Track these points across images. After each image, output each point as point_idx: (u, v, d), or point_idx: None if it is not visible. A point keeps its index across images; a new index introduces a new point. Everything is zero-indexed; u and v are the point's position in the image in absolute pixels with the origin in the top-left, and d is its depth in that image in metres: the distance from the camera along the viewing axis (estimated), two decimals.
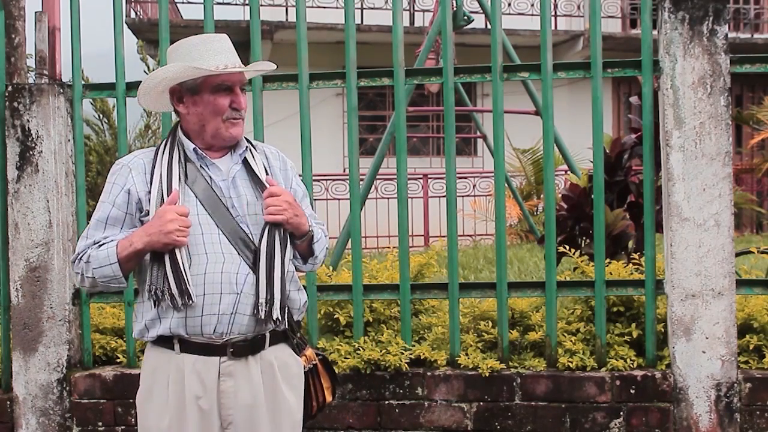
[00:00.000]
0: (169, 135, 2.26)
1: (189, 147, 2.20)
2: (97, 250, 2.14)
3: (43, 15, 3.77)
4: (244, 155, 2.25)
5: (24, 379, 3.51)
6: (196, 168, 2.19)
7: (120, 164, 2.24)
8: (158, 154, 2.21)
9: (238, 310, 2.13)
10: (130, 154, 2.28)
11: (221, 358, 2.14)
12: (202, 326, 2.12)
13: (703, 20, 3.21)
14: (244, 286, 2.13)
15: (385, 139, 5.98)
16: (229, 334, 2.14)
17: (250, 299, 2.14)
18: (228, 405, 2.15)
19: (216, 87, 2.17)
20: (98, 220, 2.20)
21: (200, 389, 2.13)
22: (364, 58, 4.12)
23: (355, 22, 3.50)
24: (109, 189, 2.21)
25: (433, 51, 6.80)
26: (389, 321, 3.60)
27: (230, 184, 2.20)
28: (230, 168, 2.22)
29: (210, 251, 2.13)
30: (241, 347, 2.16)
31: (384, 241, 9.15)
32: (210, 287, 2.11)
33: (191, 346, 2.14)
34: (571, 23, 13.21)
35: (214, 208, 2.16)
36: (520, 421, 3.30)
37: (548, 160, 3.40)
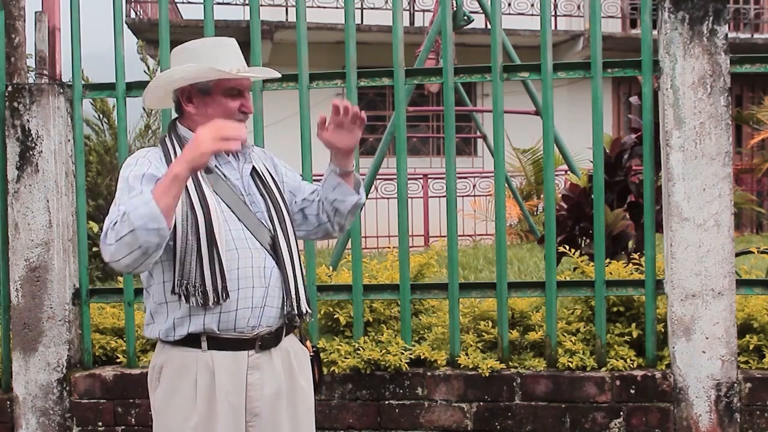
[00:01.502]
0: (170, 134, 2.23)
1: None
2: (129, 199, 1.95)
3: (43, 15, 3.77)
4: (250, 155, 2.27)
5: (24, 379, 3.51)
6: (210, 167, 2.18)
7: (136, 156, 2.16)
8: (169, 152, 2.17)
9: (267, 303, 2.16)
10: (140, 151, 2.20)
11: (249, 352, 2.16)
12: (236, 320, 2.13)
13: (703, 20, 3.21)
14: (271, 279, 2.17)
15: (385, 139, 5.98)
16: (258, 327, 2.16)
17: (276, 292, 2.18)
18: (255, 397, 2.17)
19: (228, 90, 2.18)
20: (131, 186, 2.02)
21: (231, 386, 2.14)
22: (364, 58, 4.12)
23: (355, 22, 3.50)
24: (134, 162, 2.10)
25: (433, 51, 6.80)
26: (389, 321, 3.60)
27: (245, 182, 2.22)
28: (242, 166, 2.24)
29: (240, 246, 2.14)
30: (268, 339, 2.19)
31: (384, 241, 9.14)
32: (243, 281, 2.13)
33: (220, 343, 2.14)
34: (571, 23, 13.21)
35: (235, 204, 2.17)
36: (520, 421, 3.30)
37: (548, 160, 3.40)
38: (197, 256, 2.08)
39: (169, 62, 2.34)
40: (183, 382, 2.14)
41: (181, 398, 2.13)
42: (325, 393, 3.38)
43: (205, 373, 2.13)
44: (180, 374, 2.14)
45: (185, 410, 2.12)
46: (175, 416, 2.13)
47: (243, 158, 2.26)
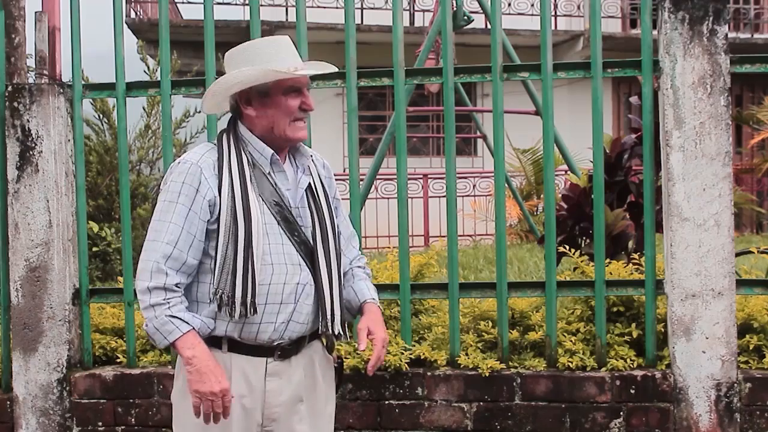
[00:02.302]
0: (229, 133, 2.19)
1: (265, 152, 2.16)
2: (168, 318, 2.06)
3: (43, 15, 3.77)
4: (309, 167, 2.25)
5: (24, 379, 3.51)
6: (263, 174, 2.16)
7: (187, 162, 2.13)
8: (223, 154, 2.14)
9: (293, 319, 2.17)
10: (192, 153, 2.17)
11: (268, 359, 2.17)
12: (258, 333, 2.14)
13: (703, 20, 3.21)
14: (301, 296, 2.16)
15: (385, 139, 5.99)
16: (279, 340, 2.17)
17: (305, 308, 2.18)
18: (273, 403, 2.18)
19: (287, 89, 2.16)
20: (175, 224, 2.09)
21: (245, 389, 2.15)
22: (364, 58, 4.12)
23: (355, 22, 3.50)
24: (177, 188, 2.10)
25: (433, 51, 6.81)
26: (389, 321, 3.60)
27: (296, 194, 2.20)
28: (298, 178, 2.22)
29: (276, 262, 2.13)
30: (288, 349, 2.19)
31: (384, 241, 9.15)
32: (272, 297, 2.13)
33: (239, 347, 2.15)
34: (571, 23, 13.21)
35: (282, 216, 2.16)
36: (520, 421, 3.30)
37: (548, 160, 3.39)
38: (232, 268, 2.08)
39: (170, 64, 2.33)
40: None
41: None
42: None
43: None
44: None
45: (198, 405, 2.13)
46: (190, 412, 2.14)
47: (301, 168, 2.24)
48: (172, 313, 2.07)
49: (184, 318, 2.08)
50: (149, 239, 2.11)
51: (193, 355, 2.05)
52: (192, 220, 2.09)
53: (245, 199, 2.10)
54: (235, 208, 2.08)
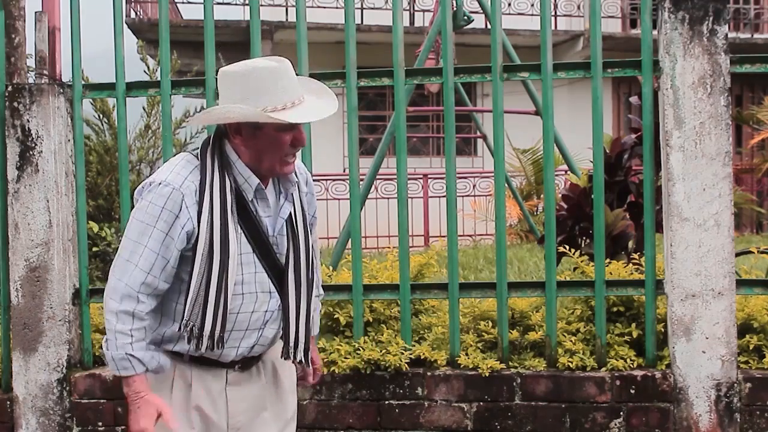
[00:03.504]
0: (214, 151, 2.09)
1: (251, 181, 2.08)
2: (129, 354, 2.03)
3: (43, 15, 3.77)
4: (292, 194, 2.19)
5: (24, 379, 3.51)
6: (246, 201, 2.10)
7: (169, 186, 2.03)
8: (206, 178, 2.05)
9: (258, 343, 2.17)
10: (174, 174, 2.06)
11: (228, 369, 2.17)
12: (220, 356, 2.14)
13: (703, 20, 3.20)
14: (268, 322, 2.16)
15: (385, 139, 5.98)
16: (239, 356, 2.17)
17: (271, 332, 2.18)
18: (236, 412, 2.18)
19: (280, 126, 2.04)
20: (150, 249, 2.03)
21: (205, 399, 2.15)
22: (364, 58, 4.12)
23: (355, 22, 3.50)
24: (157, 213, 2.02)
25: (433, 51, 6.80)
26: (389, 321, 3.59)
27: (276, 223, 2.15)
28: (280, 205, 2.16)
29: (247, 291, 2.11)
30: (248, 362, 2.20)
31: (384, 241, 9.13)
32: (239, 324, 2.12)
33: (200, 360, 2.15)
34: (571, 23, 13.21)
35: (258, 243, 2.12)
36: (520, 421, 3.30)
37: (548, 160, 3.39)
38: (203, 302, 2.05)
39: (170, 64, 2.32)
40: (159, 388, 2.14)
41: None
42: (325, 393, 3.38)
43: (181, 382, 2.15)
44: (157, 379, 2.15)
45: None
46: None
47: (284, 194, 2.17)
48: (133, 351, 2.03)
49: (142, 359, 2.04)
50: (123, 257, 2.05)
51: (137, 396, 2.06)
52: (168, 245, 2.03)
53: (224, 231, 2.04)
54: (212, 241, 2.03)
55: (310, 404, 3.39)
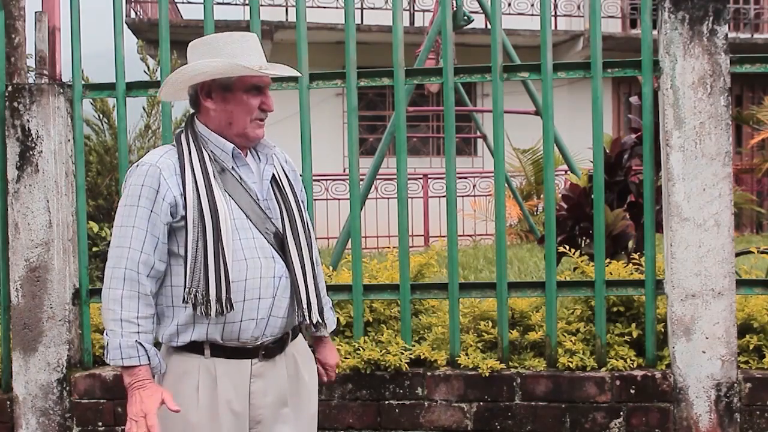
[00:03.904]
0: (187, 131, 2.17)
1: (226, 147, 2.13)
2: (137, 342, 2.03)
3: (43, 15, 3.77)
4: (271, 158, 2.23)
5: (24, 379, 3.51)
6: (227, 169, 2.14)
7: (145, 164, 2.09)
8: (183, 153, 2.11)
9: (272, 313, 2.14)
10: (150, 155, 2.13)
11: (252, 360, 2.15)
12: (240, 332, 2.11)
13: (703, 20, 3.21)
14: (278, 289, 2.14)
15: (385, 139, 5.98)
16: (263, 338, 2.15)
17: (284, 302, 2.16)
18: (258, 405, 2.17)
19: (250, 87, 2.13)
20: (138, 228, 2.05)
21: (232, 393, 2.13)
22: (364, 58, 4.12)
23: (355, 22, 3.50)
24: (137, 192, 2.06)
25: (433, 51, 6.80)
26: (389, 321, 3.60)
27: (263, 186, 2.19)
28: (263, 169, 2.20)
29: (249, 256, 2.10)
30: (272, 348, 2.18)
31: (384, 241, 9.14)
32: (249, 293, 2.10)
33: (223, 351, 2.13)
34: (571, 23, 13.21)
35: (250, 210, 2.14)
36: (520, 421, 3.30)
37: (548, 160, 3.40)
38: (204, 266, 2.05)
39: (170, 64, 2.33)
40: (184, 387, 2.12)
41: (183, 404, 2.09)
42: (325, 393, 3.38)
43: (207, 379, 2.12)
44: (181, 380, 2.13)
45: (187, 415, 2.10)
46: (178, 421, 2.11)
47: (264, 159, 2.22)
48: (140, 340, 2.04)
49: (148, 351, 2.05)
50: (115, 245, 2.07)
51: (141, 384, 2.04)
52: (154, 222, 2.06)
53: (211, 196, 2.07)
54: (201, 206, 2.05)
55: None
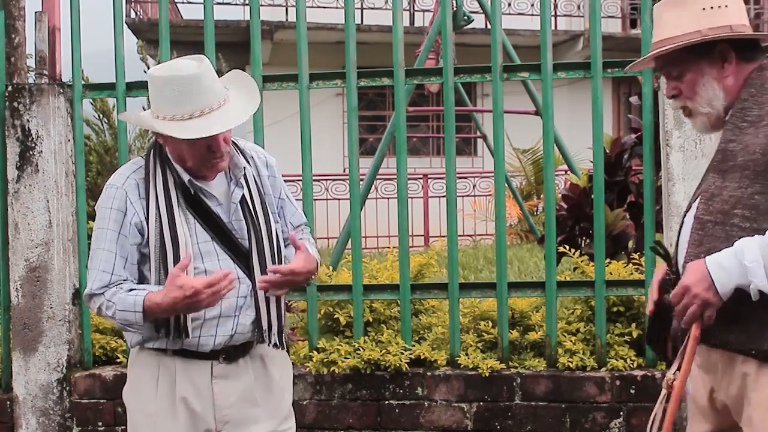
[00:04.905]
0: (156, 152, 2.16)
1: (183, 176, 2.13)
2: (125, 293, 2.07)
3: (43, 15, 3.76)
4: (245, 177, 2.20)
5: (24, 379, 3.51)
6: (191, 191, 2.14)
7: (113, 186, 2.14)
8: (149, 175, 2.13)
9: (237, 331, 2.17)
10: (118, 175, 2.17)
11: (213, 362, 2.17)
12: (198, 345, 2.14)
13: None
14: (242, 308, 2.16)
15: (385, 139, 5.98)
16: (222, 346, 2.17)
17: (247, 319, 2.17)
18: (223, 405, 2.18)
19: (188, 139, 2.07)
20: (107, 251, 2.10)
21: (191, 391, 2.15)
22: (364, 58, 4.12)
23: (355, 22, 3.50)
24: (107, 215, 2.12)
25: (433, 51, 6.80)
26: (389, 321, 3.60)
27: (230, 208, 2.17)
28: (231, 191, 2.18)
29: None
30: (233, 353, 2.19)
31: (384, 241, 9.13)
32: (209, 312, 2.11)
33: (184, 352, 2.16)
34: (571, 23, 13.21)
35: (216, 230, 2.15)
36: (520, 421, 3.30)
37: (548, 160, 3.39)
38: None
39: None
40: (145, 379, 2.18)
41: (144, 392, 2.17)
42: (325, 393, 3.38)
43: (166, 374, 2.16)
44: (143, 373, 2.19)
45: (147, 400, 2.16)
46: (139, 413, 2.18)
47: (234, 180, 2.19)
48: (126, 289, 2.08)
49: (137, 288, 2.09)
50: (89, 266, 2.16)
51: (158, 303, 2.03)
52: (123, 244, 2.11)
53: (172, 224, 2.08)
54: (162, 233, 2.08)
55: (310, 404, 3.39)
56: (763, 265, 1.79)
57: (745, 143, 1.91)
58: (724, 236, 1.90)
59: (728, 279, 1.83)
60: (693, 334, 1.92)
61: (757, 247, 1.81)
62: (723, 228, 1.91)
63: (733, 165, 1.92)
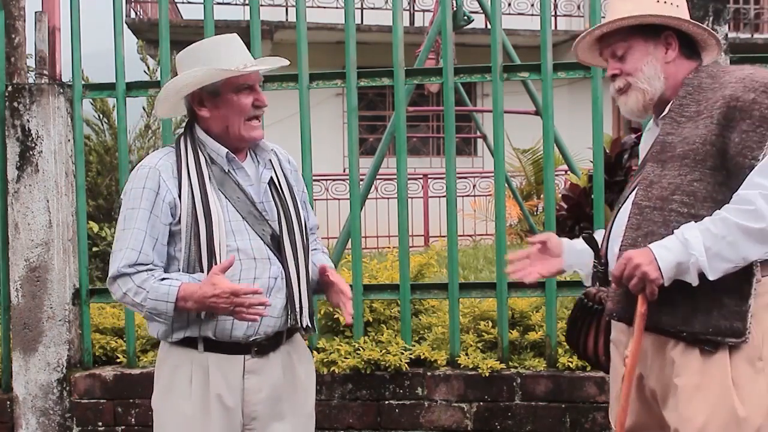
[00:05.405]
0: (185, 135, 2.20)
1: (220, 151, 2.16)
2: (157, 282, 2.06)
3: (43, 15, 3.77)
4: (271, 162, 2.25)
5: (24, 379, 3.51)
6: (223, 172, 2.17)
7: (146, 167, 2.14)
8: (181, 157, 2.15)
9: (268, 313, 2.15)
10: (149, 157, 2.18)
11: (246, 356, 2.17)
12: (232, 330, 2.13)
13: (703, 20, 3.20)
14: (273, 289, 2.16)
15: (385, 139, 5.97)
16: (255, 335, 2.16)
17: (278, 302, 2.17)
18: (253, 401, 2.18)
19: (238, 87, 2.15)
20: (137, 229, 2.08)
21: (224, 387, 2.15)
22: (364, 58, 4.12)
23: (355, 22, 3.51)
24: (139, 194, 2.10)
25: (433, 51, 6.79)
26: (389, 321, 3.60)
27: (260, 189, 2.21)
28: (260, 173, 2.22)
29: (243, 257, 2.12)
30: (265, 345, 2.19)
31: (384, 241, 9.14)
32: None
33: (215, 346, 2.15)
34: (571, 23, 13.22)
35: (246, 212, 2.16)
36: (520, 421, 3.30)
37: (548, 160, 3.40)
38: (197, 268, 2.09)
39: (170, 64, 2.33)
40: (178, 379, 2.16)
41: (177, 394, 2.15)
42: (325, 393, 3.38)
43: (199, 372, 2.15)
44: (175, 372, 2.17)
45: (181, 402, 2.14)
46: (172, 408, 2.16)
47: (262, 162, 2.24)
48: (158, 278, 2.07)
49: (171, 278, 2.08)
50: (114, 249, 2.12)
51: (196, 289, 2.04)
52: (154, 223, 2.10)
53: (205, 199, 2.10)
54: (195, 209, 2.09)
55: None
56: (702, 242, 1.87)
57: (684, 135, 2.01)
58: (662, 221, 1.98)
59: (670, 255, 1.90)
60: (639, 311, 1.97)
61: (696, 228, 1.90)
62: (661, 213, 1.99)
63: (672, 155, 2.01)
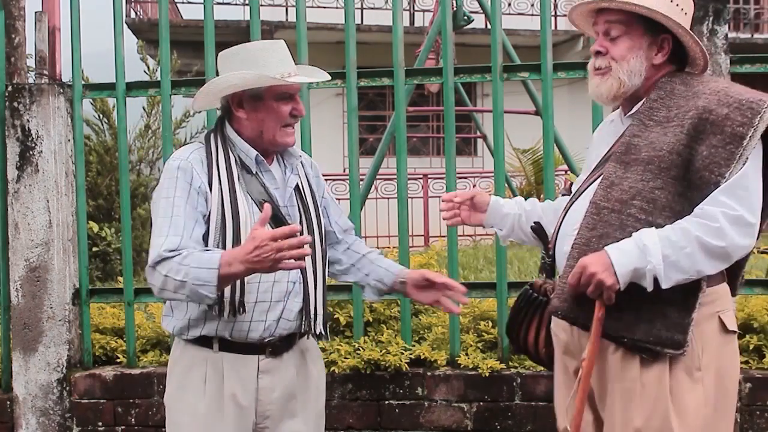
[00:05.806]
0: (216, 133, 2.21)
1: (250, 153, 2.18)
2: (200, 252, 2.00)
3: (43, 15, 3.77)
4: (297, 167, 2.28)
5: (24, 379, 3.51)
6: (251, 173, 2.19)
7: (178, 159, 2.14)
8: (212, 154, 2.16)
9: (283, 316, 2.18)
10: (180, 151, 2.18)
11: (260, 356, 2.18)
12: (249, 331, 2.15)
13: (703, 20, 3.20)
14: (291, 293, 2.17)
15: (385, 139, 5.98)
16: (270, 337, 2.18)
17: (295, 306, 2.19)
18: (266, 401, 2.19)
19: (281, 95, 2.17)
20: (177, 216, 2.07)
21: (239, 386, 2.16)
22: (364, 58, 4.12)
23: (355, 22, 3.50)
24: (173, 184, 2.10)
25: (433, 51, 6.80)
26: (389, 321, 3.60)
27: (285, 193, 2.22)
28: (287, 178, 2.24)
29: None
30: (279, 346, 2.21)
31: (384, 241, 9.14)
32: (262, 296, 2.14)
33: (231, 346, 2.16)
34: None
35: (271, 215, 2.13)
36: (520, 421, 3.30)
37: (548, 160, 3.39)
38: None
39: (170, 64, 2.32)
40: (192, 378, 2.17)
41: (191, 393, 2.17)
42: (325, 393, 3.38)
43: (214, 372, 2.16)
44: (190, 371, 2.18)
45: (195, 401, 2.15)
46: (185, 407, 2.17)
47: (290, 168, 2.26)
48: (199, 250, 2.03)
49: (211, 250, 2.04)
50: (154, 237, 2.08)
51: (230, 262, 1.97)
52: (191, 211, 2.09)
53: (233, 197, 2.11)
54: (224, 206, 2.10)
55: None
56: (660, 250, 1.86)
57: (651, 140, 1.98)
58: (618, 224, 1.96)
59: (626, 260, 1.88)
60: (596, 316, 1.96)
61: (656, 235, 1.88)
62: (618, 216, 1.97)
63: (636, 158, 1.99)
